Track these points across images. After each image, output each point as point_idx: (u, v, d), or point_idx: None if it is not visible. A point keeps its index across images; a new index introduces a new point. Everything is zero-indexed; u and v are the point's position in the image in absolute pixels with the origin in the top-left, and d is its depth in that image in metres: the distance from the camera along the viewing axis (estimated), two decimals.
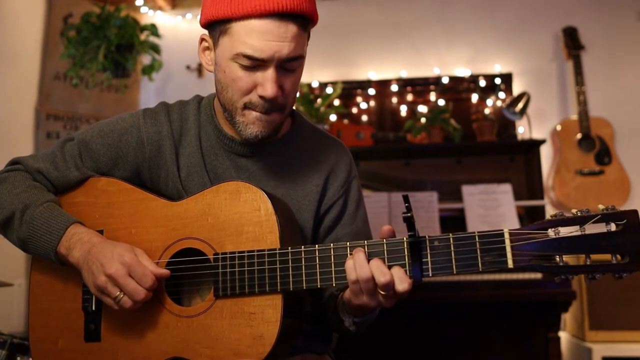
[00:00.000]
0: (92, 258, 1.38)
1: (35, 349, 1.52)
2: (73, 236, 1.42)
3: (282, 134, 1.58)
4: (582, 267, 1.19)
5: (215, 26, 1.40)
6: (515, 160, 3.60)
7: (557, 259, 1.19)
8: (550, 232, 1.19)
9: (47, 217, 1.44)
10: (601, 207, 1.18)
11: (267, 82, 1.37)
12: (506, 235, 1.21)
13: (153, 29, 3.60)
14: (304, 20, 1.39)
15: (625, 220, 1.16)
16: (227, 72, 1.40)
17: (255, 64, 1.36)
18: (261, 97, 1.38)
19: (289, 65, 1.39)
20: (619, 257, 1.17)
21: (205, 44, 1.49)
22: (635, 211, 1.17)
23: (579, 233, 1.18)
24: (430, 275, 1.25)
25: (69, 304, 1.50)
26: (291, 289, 1.32)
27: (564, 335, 3.42)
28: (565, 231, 1.19)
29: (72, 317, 1.49)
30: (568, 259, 1.20)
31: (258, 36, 1.34)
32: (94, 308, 1.47)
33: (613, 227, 1.17)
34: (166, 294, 1.42)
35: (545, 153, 3.77)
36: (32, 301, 1.54)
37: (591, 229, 1.18)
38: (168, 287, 1.43)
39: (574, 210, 1.20)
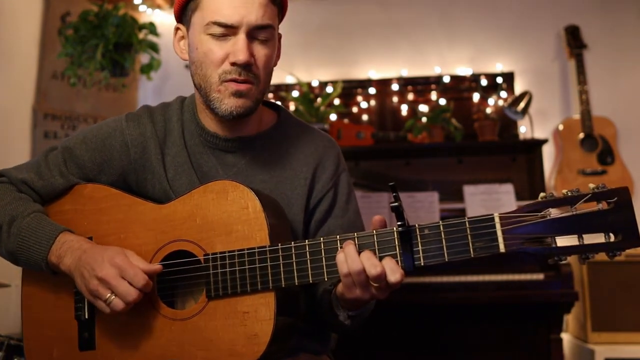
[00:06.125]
0: (83, 263, 1.37)
1: None
2: (63, 244, 1.42)
3: (267, 128, 1.59)
4: (575, 247, 1.17)
5: (187, 8, 1.47)
6: (517, 160, 3.58)
7: (550, 240, 1.18)
8: (542, 214, 1.18)
9: (35, 227, 1.44)
10: (591, 185, 1.17)
11: (238, 48, 1.39)
12: (496, 220, 1.20)
13: (151, 28, 3.58)
14: None
15: (616, 198, 1.15)
16: (200, 48, 1.43)
17: (226, 32, 1.40)
18: (233, 64, 1.40)
19: (259, 35, 1.42)
20: (611, 235, 1.16)
21: (179, 33, 1.54)
22: (626, 188, 1.16)
23: (570, 213, 1.16)
24: (422, 264, 1.24)
25: (62, 313, 1.49)
26: (283, 286, 1.31)
27: (566, 337, 3.40)
28: (556, 212, 1.17)
29: (66, 326, 1.48)
30: (561, 240, 1.18)
31: (227, 2, 1.39)
32: (87, 316, 1.46)
33: (605, 205, 1.15)
34: (159, 298, 1.40)
35: (547, 153, 3.75)
36: (25, 312, 1.53)
37: (583, 208, 1.16)
38: (161, 291, 1.41)
39: (564, 191, 1.18)
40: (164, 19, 4.19)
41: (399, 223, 1.24)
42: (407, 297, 3.00)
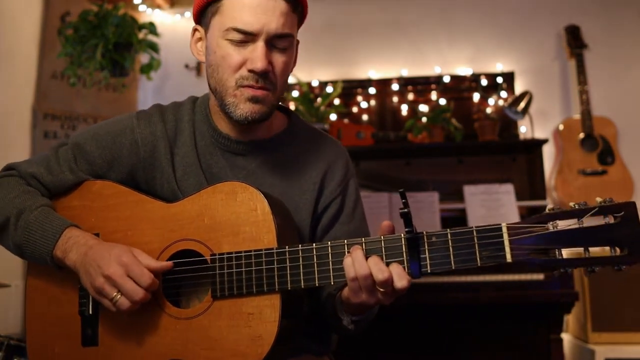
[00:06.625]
0: (89, 260, 1.36)
1: (32, 355, 1.50)
2: (69, 239, 1.41)
3: (277, 132, 1.58)
4: (581, 259, 1.18)
5: (207, 11, 1.45)
6: (517, 160, 3.58)
7: (556, 252, 1.18)
8: (549, 226, 1.18)
9: (42, 221, 1.43)
10: (599, 199, 1.17)
11: (256, 56, 1.38)
12: (504, 230, 1.20)
13: (151, 28, 3.57)
14: (294, 0, 1.42)
15: (623, 213, 1.15)
16: (218, 51, 1.42)
17: (245, 38, 1.39)
18: (251, 71, 1.39)
19: (278, 43, 1.41)
20: (617, 249, 1.16)
21: (197, 34, 1.52)
22: (633, 203, 1.16)
23: (577, 226, 1.17)
24: (429, 271, 1.24)
25: (66, 308, 1.48)
26: (289, 288, 1.31)
27: (566, 337, 3.40)
28: (563, 224, 1.18)
29: (69, 322, 1.47)
30: (567, 252, 1.19)
31: (248, 9, 1.37)
32: (90, 312, 1.45)
33: (611, 219, 1.16)
34: (164, 296, 1.40)
35: (548, 153, 3.75)
36: (29, 307, 1.53)
37: (590, 222, 1.17)
38: (166, 290, 1.41)
39: (571, 204, 1.19)
40: (164, 19, 4.19)
41: (407, 229, 1.24)
42: (407, 297, 2.99)
